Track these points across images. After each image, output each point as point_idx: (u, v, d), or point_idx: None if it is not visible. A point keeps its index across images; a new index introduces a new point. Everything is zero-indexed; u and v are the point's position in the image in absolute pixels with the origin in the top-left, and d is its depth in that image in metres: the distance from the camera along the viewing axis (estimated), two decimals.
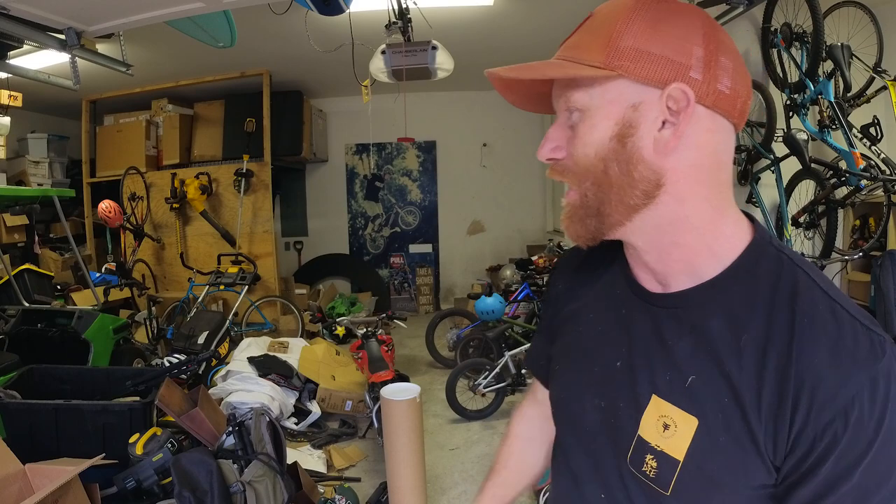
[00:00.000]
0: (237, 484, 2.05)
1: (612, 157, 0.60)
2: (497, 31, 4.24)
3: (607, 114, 0.60)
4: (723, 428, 0.57)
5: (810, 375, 0.54)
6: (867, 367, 0.53)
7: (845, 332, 0.55)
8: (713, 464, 0.58)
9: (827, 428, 0.53)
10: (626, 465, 0.65)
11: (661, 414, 0.62)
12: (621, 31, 0.60)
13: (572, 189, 0.65)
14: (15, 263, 4.39)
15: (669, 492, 0.60)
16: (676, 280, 0.64)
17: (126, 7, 2.38)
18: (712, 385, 0.59)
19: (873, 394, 0.52)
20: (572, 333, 0.76)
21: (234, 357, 3.71)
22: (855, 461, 0.52)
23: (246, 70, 5.14)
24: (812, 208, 2.96)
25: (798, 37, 2.99)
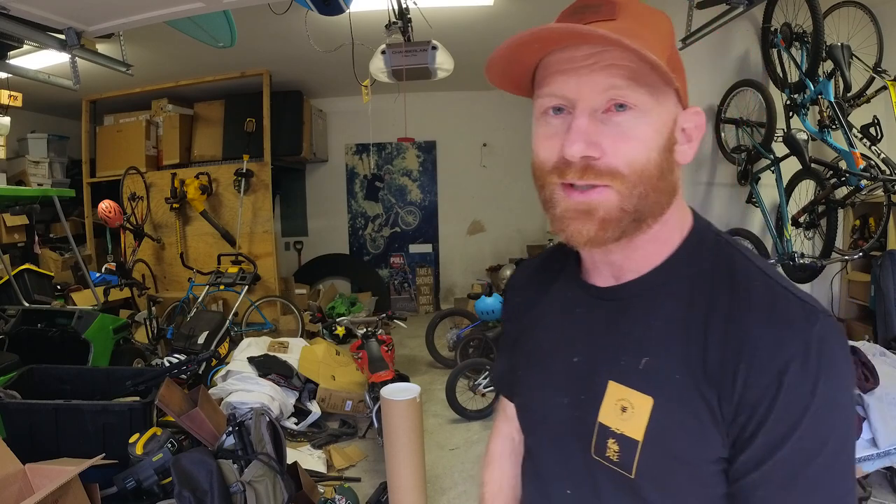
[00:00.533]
0: (237, 484, 2.05)
1: (665, 165, 0.61)
2: (497, 31, 4.24)
3: (665, 122, 0.61)
4: (677, 404, 0.59)
5: (748, 342, 0.56)
6: (801, 332, 0.55)
7: (779, 302, 0.58)
8: (671, 440, 0.60)
9: (765, 391, 0.55)
10: (590, 456, 0.65)
11: (619, 398, 0.63)
12: (672, 40, 0.61)
13: (601, 188, 0.60)
14: (15, 263, 4.39)
15: (633, 474, 0.61)
16: (629, 269, 0.67)
17: (126, 7, 2.38)
18: (664, 364, 0.61)
19: (806, 356, 0.54)
20: (532, 340, 0.77)
21: (234, 357, 3.71)
22: (792, 425, 0.54)
23: (246, 70, 5.14)
24: (812, 208, 2.96)
25: (798, 37, 2.99)
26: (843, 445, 0.56)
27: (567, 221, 0.62)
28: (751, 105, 3.24)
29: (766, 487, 0.56)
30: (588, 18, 0.59)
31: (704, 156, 3.45)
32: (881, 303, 2.94)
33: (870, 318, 3.17)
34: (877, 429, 1.70)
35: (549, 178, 0.62)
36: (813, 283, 3.27)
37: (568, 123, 0.60)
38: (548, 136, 0.62)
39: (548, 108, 0.62)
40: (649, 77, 0.58)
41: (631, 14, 0.60)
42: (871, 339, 2.86)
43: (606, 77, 0.58)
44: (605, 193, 0.60)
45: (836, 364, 0.55)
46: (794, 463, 0.55)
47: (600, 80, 0.58)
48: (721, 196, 3.49)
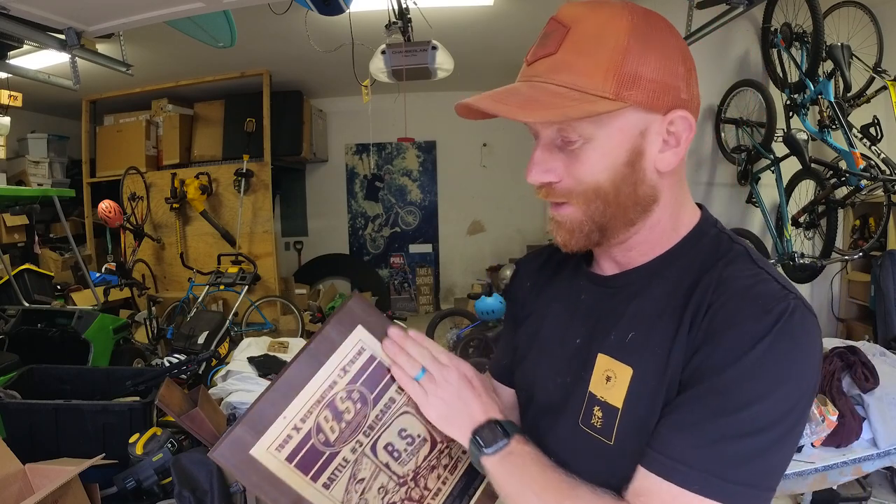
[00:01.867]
0: (237, 484, 2.05)
1: (622, 181, 0.65)
2: (497, 31, 4.24)
3: (619, 142, 0.63)
4: (653, 373, 0.63)
5: (721, 313, 0.60)
6: (768, 304, 0.58)
7: (758, 289, 0.61)
8: (646, 406, 0.63)
9: (716, 331, 0.59)
10: (578, 426, 0.70)
11: (606, 368, 0.68)
12: (623, 55, 0.61)
13: (570, 204, 0.67)
14: (15, 263, 4.39)
15: (612, 440, 0.66)
16: (634, 262, 0.72)
17: (126, 7, 2.38)
18: (647, 337, 0.66)
19: (760, 321, 0.57)
20: (536, 324, 0.82)
21: (234, 357, 3.71)
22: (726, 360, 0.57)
23: (246, 70, 5.14)
24: (812, 208, 2.96)
25: (798, 37, 2.99)
26: (772, 422, 0.56)
27: (552, 229, 0.71)
28: (751, 105, 3.24)
29: (672, 417, 0.60)
30: (539, 52, 0.64)
31: (704, 156, 3.45)
32: (881, 303, 2.94)
33: (870, 318, 3.17)
34: (877, 429, 1.70)
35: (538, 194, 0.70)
36: (813, 283, 3.27)
37: None
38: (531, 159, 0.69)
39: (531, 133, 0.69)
40: None
41: (575, 41, 0.61)
42: (871, 339, 2.86)
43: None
44: (568, 209, 0.68)
45: (791, 338, 0.57)
46: (709, 404, 0.57)
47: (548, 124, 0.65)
48: (721, 196, 3.49)
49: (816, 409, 1.65)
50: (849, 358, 1.82)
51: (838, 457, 1.67)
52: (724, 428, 0.56)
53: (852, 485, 2.26)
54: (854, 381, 1.78)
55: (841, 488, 2.19)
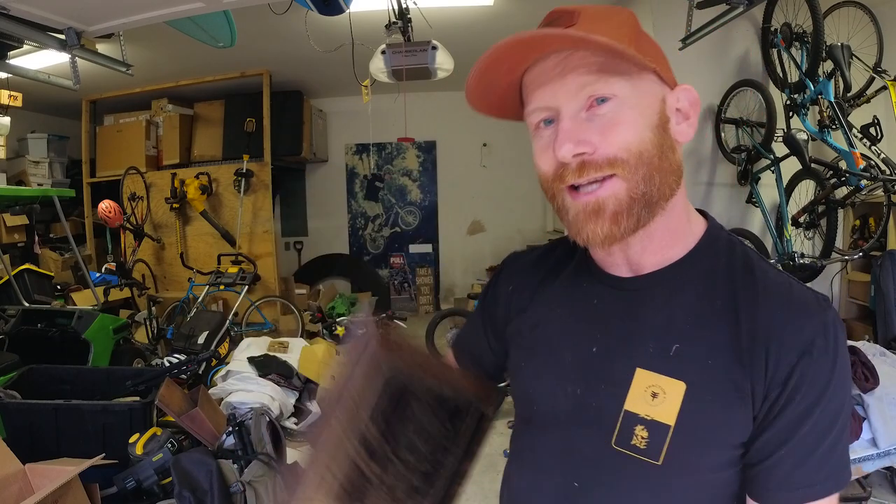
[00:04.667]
0: (237, 484, 2.05)
1: (662, 143, 0.63)
2: (497, 31, 4.23)
3: (649, 103, 0.62)
4: (709, 388, 0.61)
5: (776, 327, 0.60)
6: (819, 314, 0.61)
7: (795, 292, 0.63)
8: (703, 422, 0.61)
9: (793, 369, 0.59)
10: (607, 447, 0.65)
11: (649, 384, 0.63)
12: (636, 30, 0.63)
13: (607, 181, 0.61)
14: (15, 263, 4.39)
15: (661, 460, 0.62)
16: (649, 263, 0.68)
17: (126, 7, 2.38)
18: (695, 350, 0.63)
19: (826, 336, 0.59)
20: (537, 330, 0.76)
21: (234, 357, 3.71)
22: (815, 400, 0.59)
23: (246, 70, 5.14)
24: (812, 208, 2.96)
25: (798, 37, 2.99)
26: (848, 417, 0.62)
27: (581, 224, 0.63)
28: (751, 105, 3.24)
29: (787, 463, 0.60)
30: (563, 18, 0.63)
31: (704, 156, 3.45)
32: (881, 303, 2.94)
33: (870, 318, 3.17)
34: (877, 429, 1.70)
35: (554, 185, 0.64)
36: (813, 283, 3.27)
37: (556, 130, 0.62)
38: (543, 148, 0.65)
39: (538, 122, 0.65)
40: (619, 66, 0.60)
41: (588, 18, 0.62)
42: (871, 339, 2.86)
43: (577, 77, 0.60)
44: (611, 185, 0.61)
45: (844, 345, 0.61)
46: (813, 438, 0.59)
47: (573, 82, 0.61)
48: (721, 196, 3.49)
49: None
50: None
51: None
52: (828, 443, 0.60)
53: (852, 485, 2.26)
54: (854, 381, 1.78)
55: None
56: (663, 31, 3.22)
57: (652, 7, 3.32)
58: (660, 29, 3.27)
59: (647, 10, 3.36)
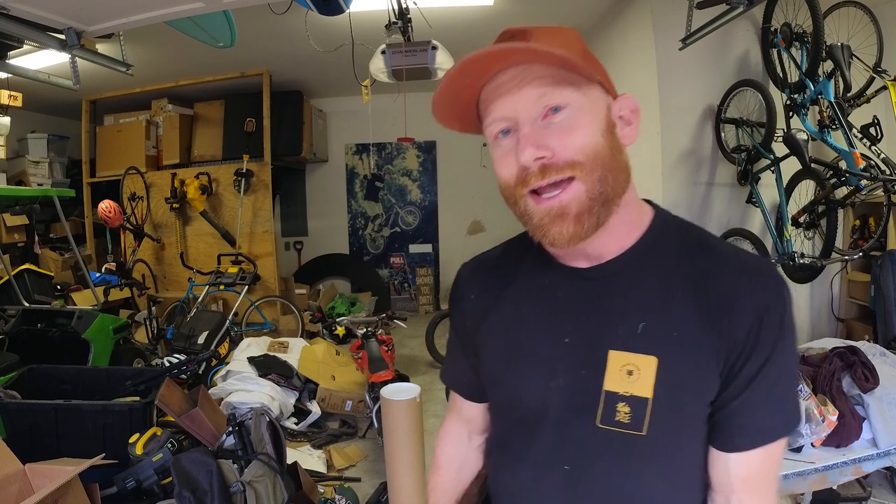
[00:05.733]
0: (237, 484, 2.05)
1: (612, 145, 0.68)
2: (497, 31, 4.20)
3: (599, 110, 0.69)
4: (679, 358, 0.67)
5: (733, 293, 0.67)
6: (771, 279, 0.68)
7: (746, 259, 0.71)
8: (678, 389, 0.68)
9: (752, 329, 0.66)
10: (594, 427, 0.70)
11: (623, 363, 0.69)
12: (583, 45, 0.71)
13: (567, 186, 0.66)
14: (15, 263, 4.39)
15: (645, 430, 0.68)
16: (607, 253, 0.73)
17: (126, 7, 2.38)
18: (660, 325, 0.68)
19: (777, 297, 0.67)
20: (507, 333, 0.79)
21: (234, 357, 3.71)
22: (768, 355, 0.67)
23: (246, 70, 5.13)
24: (812, 208, 2.95)
25: (798, 37, 2.99)
26: (793, 370, 0.73)
27: (546, 227, 0.68)
28: (751, 105, 3.24)
29: (747, 407, 0.68)
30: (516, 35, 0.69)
31: (704, 156, 3.45)
32: (881, 303, 2.94)
33: (870, 318, 3.17)
34: (877, 429, 1.70)
35: (516, 191, 0.69)
36: (813, 283, 3.27)
37: (516, 139, 0.67)
38: (503, 156, 0.70)
39: (496, 132, 0.70)
40: (571, 78, 0.66)
41: (540, 35, 0.68)
42: (871, 339, 2.85)
43: (534, 89, 0.66)
44: (571, 189, 0.66)
45: (790, 303, 0.69)
46: (767, 385, 0.67)
47: (530, 93, 0.66)
48: (721, 196, 3.49)
49: (816, 409, 1.65)
50: (849, 358, 1.82)
51: (838, 457, 1.67)
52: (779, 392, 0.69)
53: (852, 485, 2.26)
54: (854, 381, 1.78)
55: (841, 488, 2.19)
56: (663, 31, 3.22)
57: (652, 7, 3.32)
58: (660, 29, 3.27)
59: (647, 10, 3.36)
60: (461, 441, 0.93)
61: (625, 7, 3.71)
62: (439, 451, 0.95)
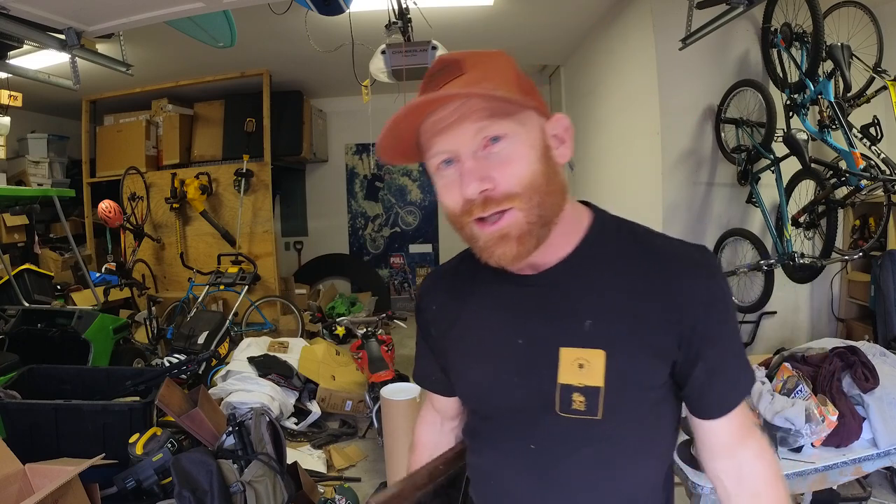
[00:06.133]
0: (237, 484, 2.05)
1: (547, 170, 0.73)
2: (497, 31, 4.24)
3: (535, 137, 0.73)
4: (624, 348, 0.74)
5: (671, 283, 0.74)
6: (704, 266, 0.76)
7: (678, 250, 0.77)
8: (627, 377, 0.74)
9: (699, 315, 0.74)
10: (553, 415, 0.76)
11: (574, 358, 0.75)
12: (517, 73, 0.75)
13: (507, 213, 0.71)
14: (15, 263, 4.39)
15: (600, 415, 0.74)
16: (549, 260, 0.79)
17: (126, 7, 2.39)
18: (605, 321, 0.75)
19: (713, 283, 0.75)
20: (469, 339, 0.86)
21: (234, 357, 3.71)
22: (717, 334, 0.75)
23: (246, 70, 5.14)
24: (812, 208, 2.95)
25: (798, 37, 2.99)
26: (738, 335, 0.81)
27: (491, 249, 0.74)
28: (751, 105, 3.24)
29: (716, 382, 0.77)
30: (441, 82, 0.72)
31: (704, 156, 3.45)
32: (881, 303, 2.94)
33: (870, 318, 3.17)
34: (877, 429, 1.70)
35: (462, 219, 0.74)
36: (813, 283, 3.27)
37: (459, 171, 0.72)
38: (447, 186, 0.74)
39: (438, 163, 0.74)
40: (506, 108, 0.70)
41: (475, 65, 0.73)
42: (871, 339, 2.85)
43: (472, 123, 0.70)
44: (510, 216, 0.72)
45: (724, 281, 0.77)
46: (726, 357, 0.77)
47: (469, 128, 0.70)
48: (721, 196, 3.49)
49: (816, 409, 1.65)
50: (849, 358, 1.82)
51: (838, 457, 1.67)
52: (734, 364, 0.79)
53: (852, 485, 2.26)
54: (854, 381, 1.78)
55: (841, 488, 2.19)
56: (663, 31, 3.22)
57: (652, 7, 3.31)
58: (660, 29, 3.27)
59: (647, 10, 3.36)
60: (435, 427, 1.05)
61: (625, 7, 3.71)
62: (417, 435, 1.07)
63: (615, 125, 4.13)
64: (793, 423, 1.64)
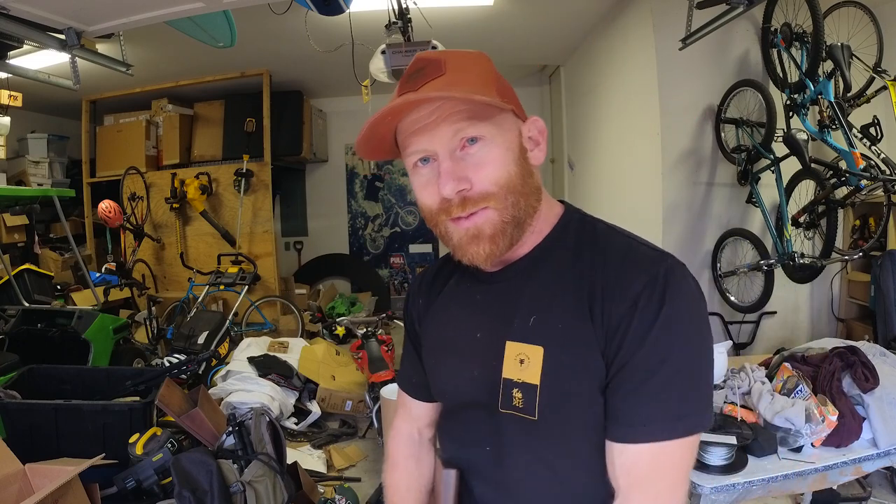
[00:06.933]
0: (237, 484, 2.05)
1: (522, 171, 0.74)
2: (497, 31, 4.24)
3: (511, 139, 0.74)
4: (562, 347, 0.72)
5: (610, 280, 0.71)
6: (649, 270, 0.70)
7: (633, 251, 0.74)
8: (562, 377, 0.72)
9: (623, 317, 0.69)
10: (500, 412, 0.76)
11: (517, 353, 0.75)
12: (495, 76, 0.76)
13: (481, 211, 0.72)
14: (15, 263, 4.39)
15: (536, 415, 0.73)
16: (514, 256, 0.80)
17: (126, 7, 2.39)
18: (549, 317, 0.74)
19: (653, 290, 0.68)
20: (439, 335, 0.89)
21: (234, 357, 3.71)
22: (641, 337, 0.67)
23: (246, 70, 5.14)
24: (812, 208, 2.95)
25: (798, 37, 2.99)
26: (687, 362, 0.68)
27: (465, 247, 0.75)
28: (751, 105, 3.24)
29: (622, 396, 0.69)
30: (420, 81, 0.73)
31: (704, 156, 3.45)
32: (881, 303, 2.94)
33: (870, 318, 3.17)
34: (877, 429, 1.70)
35: (438, 218, 0.75)
36: (813, 283, 3.27)
37: (436, 169, 0.73)
38: (424, 185, 0.76)
39: (415, 161, 0.75)
40: (484, 110, 0.71)
41: (454, 65, 0.73)
42: (871, 339, 2.85)
43: (451, 124, 0.71)
44: (485, 214, 0.73)
45: (679, 294, 0.68)
46: (642, 375, 0.68)
47: (447, 129, 0.71)
48: (721, 196, 3.49)
49: (816, 409, 1.65)
50: (849, 358, 1.82)
51: (838, 457, 1.67)
52: (662, 383, 0.67)
53: (852, 485, 2.26)
54: (854, 381, 1.78)
55: (841, 488, 2.19)
56: (663, 31, 3.22)
57: (652, 7, 3.31)
58: (660, 29, 3.27)
59: (647, 10, 3.36)
60: (412, 438, 0.99)
61: (625, 7, 3.71)
62: (394, 449, 1.00)
63: (615, 125, 4.13)
64: (793, 423, 1.64)
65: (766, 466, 1.60)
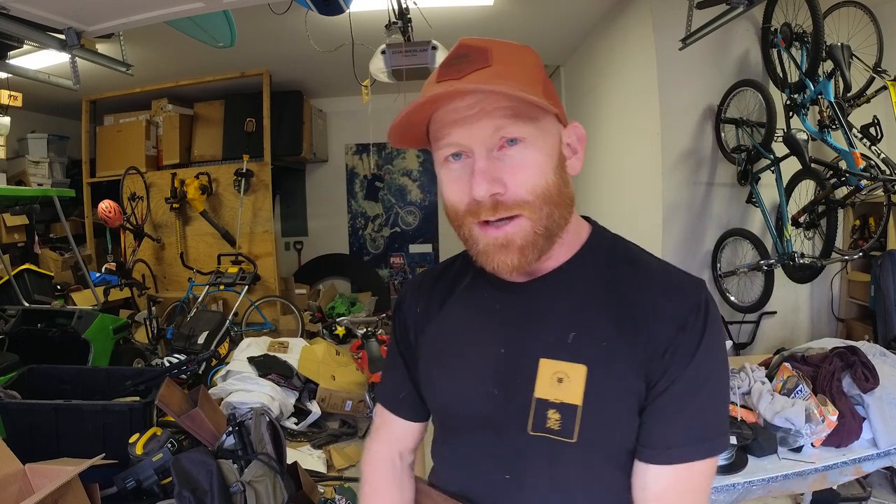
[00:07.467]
0: (237, 484, 2.05)
1: (560, 181, 0.70)
2: (497, 31, 4.24)
3: (551, 144, 0.70)
4: (607, 367, 0.69)
5: (654, 301, 0.69)
6: (693, 294, 0.70)
7: (674, 275, 0.73)
8: (607, 398, 0.68)
9: (670, 340, 0.67)
10: (526, 435, 0.70)
11: (554, 371, 0.70)
12: (543, 74, 0.71)
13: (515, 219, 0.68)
14: (15, 263, 4.39)
15: (575, 437, 0.68)
16: (543, 268, 0.75)
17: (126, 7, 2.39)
18: (589, 335, 0.70)
19: (697, 315, 0.68)
20: (443, 338, 0.81)
21: (234, 357, 3.71)
22: (686, 360, 0.67)
23: (246, 70, 5.14)
24: (812, 208, 2.95)
25: (798, 37, 2.99)
26: (720, 384, 0.71)
27: (491, 255, 0.70)
28: (751, 105, 3.24)
29: (659, 418, 0.68)
30: (465, 69, 0.67)
31: (704, 156, 3.45)
32: (881, 303, 2.94)
33: (870, 318, 3.17)
34: (877, 429, 1.70)
35: (465, 219, 0.70)
36: (813, 283, 3.26)
37: (469, 167, 0.68)
38: (453, 181, 0.70)
39: (447, 156, 0.70)
40: (529, 110, 0.66)
41: (502, 57, 0.67)
42: (871, 339, 2.85)
43: (492, 120, 0.66)
44: (518, 223, 0.68)
45: (714, 321, 0.69)
46: (684, 395, 0.68)
47: (488, 124, 0.66)
48: (721, 196, 3.49)
49: (816, 409, 1.65)
50: (849, 358, 1.82)
51: (838, 457, 1.67)
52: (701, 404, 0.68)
53: (852, 485, 2.26)
54: (854, 381, 1.78)
55: (841, 488, 2.19)
56: (663, 31, 3.22)
57: (652, 7, 3.32)
58: (660, 29, 3.27)
59: (647, 10, 3.36)
60: (394, 463, 0.90)
61: (625, 7, 3.71)
62: (373, 475, 0.90)
63: (615, 125, 4.13)
64: (793, 423, 1.64)
65: (766, 466, 1.60)
